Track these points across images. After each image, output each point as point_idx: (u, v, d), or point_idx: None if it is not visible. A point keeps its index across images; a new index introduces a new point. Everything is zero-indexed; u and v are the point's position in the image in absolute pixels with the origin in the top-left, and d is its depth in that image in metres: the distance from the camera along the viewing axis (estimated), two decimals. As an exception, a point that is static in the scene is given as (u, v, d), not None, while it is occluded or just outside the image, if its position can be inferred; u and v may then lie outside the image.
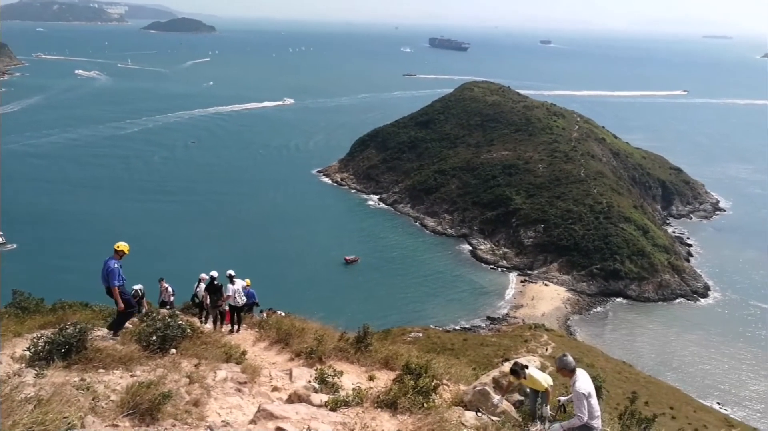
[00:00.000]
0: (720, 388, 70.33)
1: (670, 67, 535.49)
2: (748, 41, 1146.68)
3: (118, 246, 13.80)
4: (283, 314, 26.37)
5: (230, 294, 19.65)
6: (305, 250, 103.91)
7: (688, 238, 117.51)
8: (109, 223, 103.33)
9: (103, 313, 19.61)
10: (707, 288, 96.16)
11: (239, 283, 20.26)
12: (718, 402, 66.60)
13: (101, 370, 10.67)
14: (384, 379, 13.02)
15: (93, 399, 8.79)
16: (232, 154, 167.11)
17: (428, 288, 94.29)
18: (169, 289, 24.52)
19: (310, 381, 11.63)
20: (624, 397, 50.37)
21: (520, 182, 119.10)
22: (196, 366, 12.11)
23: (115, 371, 10.80)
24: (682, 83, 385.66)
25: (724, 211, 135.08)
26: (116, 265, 13.59)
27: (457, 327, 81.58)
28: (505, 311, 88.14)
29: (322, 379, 11.22)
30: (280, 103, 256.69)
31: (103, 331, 13.75)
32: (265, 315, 24.89)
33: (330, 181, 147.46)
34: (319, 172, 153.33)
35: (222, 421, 9.28)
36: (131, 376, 10.57)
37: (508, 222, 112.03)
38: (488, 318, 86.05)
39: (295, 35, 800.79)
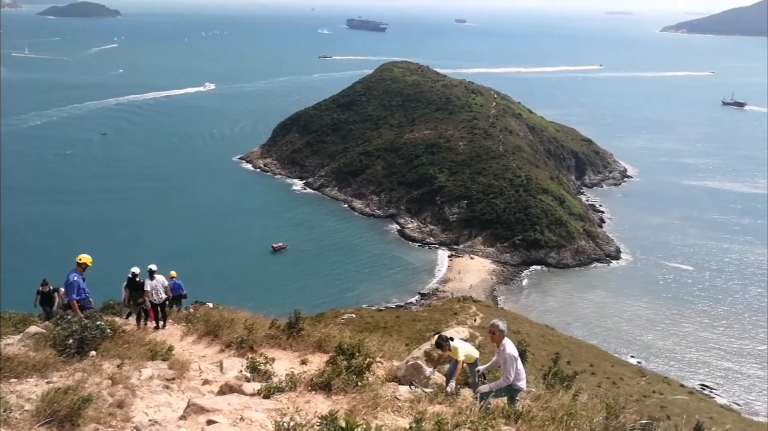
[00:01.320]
0: (633, 343, 75.27)
1: (580, 42, 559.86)
2: (647, 17, 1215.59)
3: (80, 259, 13.58)
4: (211, 305, 25.75)
5: (148, 289, 18.90)
6: (230, 240, 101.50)
7: (600, 205, 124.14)
8: (10, 231, 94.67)
9: (13, 320, 18.37)
10: (619, 251, 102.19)
11: (160, 278, 19.52)
12: (632, 356, 71.32)
13: (13, 380, 10.01)
14: (317, 362, 13.01)
15: (5, 411, 8.24)
16: (149, 146, 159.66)
17: (359, 270, 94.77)
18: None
19: (241, 371, 11.44)
20: (548, 358, 52.94)
21: (442, 160, 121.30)
22: (118, 366, 11.61)
23: (28, 379, 10.17)
24: (598, 58, 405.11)
25: (632, 178, 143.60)
26: (76, 278, 13.43)
27: (390, 305, 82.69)
28: (435, 286, 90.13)
29: (253, 368, 11.06)
30: (201, 88, 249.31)
31: (14, 339, 12.92)
32: (191, 308, 24.17)
33: (252, 168, 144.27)
34: (240, 158, 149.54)
35: (150, 420, 8.97)
36: (47, 383, 9.99)
37: (433, 200, 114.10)
38: (419, 294, 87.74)
39: (206, 19, 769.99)
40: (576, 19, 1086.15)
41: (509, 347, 9.55)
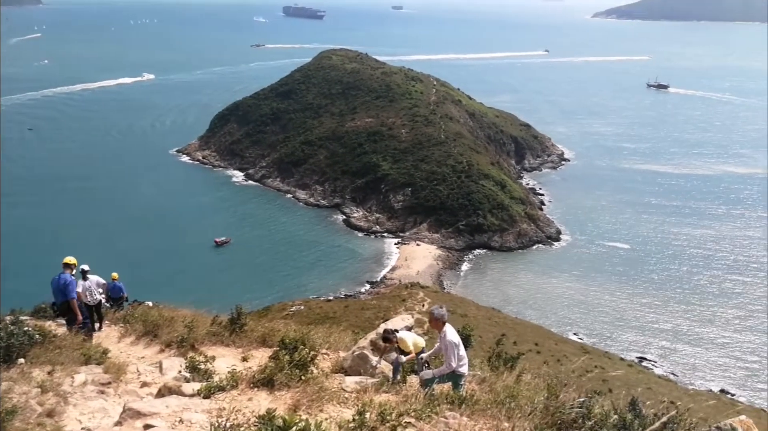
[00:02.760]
0: (575, 321, 78.14)
1: (518, 29, 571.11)
2: (579, 3, 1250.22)
3: (69, 260, 14.39)
4: (150, 304, 24.90)
5: (80, 290, 18.02)
6: (170, 236, 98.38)
7: (540, 189, 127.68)
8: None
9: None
10: (559, 232, 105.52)
11: (94, 279, 18.64)
12: (574, 333, 74.05)
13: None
14: (261, 358, 12.76)
15: None
16: (79, 141, 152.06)
17: (306, 262, 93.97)
18: None
19: (180, 372, 11.06)
20: (494, 340, 54.29)
21: (385, 148, 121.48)
22: (49, 373, 11.01)
23: (-54, 394, 9.47)
24: (542, 44, 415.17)
25: (569, 161, 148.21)
26: (71, 278, 14.41)
27: (339, 295, 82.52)
28: (383, 274, 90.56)
29: (193, 367, 10.70)
30: (139, 78, 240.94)
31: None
32: (130, 308, 23.27)
33: (190, 160, 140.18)
34: (178, 151, 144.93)
35: (83, 428, 8.53)
36: (-32, 396, 9.33)
37: (378, 188, 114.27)
38: (367, 282, 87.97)
39: (132, 6, 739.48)
40: (511, 6, 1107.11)
41: (450, 333, 9.57)
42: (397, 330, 11.25)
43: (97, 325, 18.27)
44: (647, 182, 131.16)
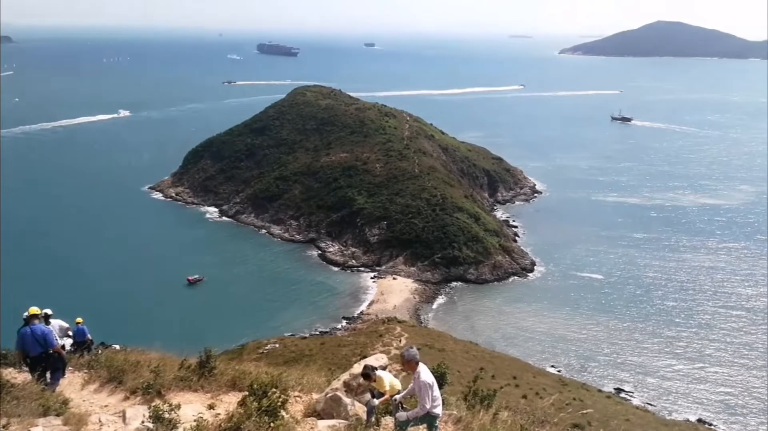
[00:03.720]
0: (552, 353, 77.96)
1: (490, 64, 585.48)
2: (546, 40, 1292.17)
3: (35, 311, 14.66)
4: (117, 348, 24.07)
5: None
6: (141, 275, 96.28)
7: (514, 221, 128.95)
8: None
9: None
10: (534, 264, 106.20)
11: (56, 323, 17.97)
12: (552, 365, 73.79)
13: None
14: (231, 403, 12.31)
15: None
16: (52, 178, 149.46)
17: (281, 298, 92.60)
18: None
19: (143, 422, 10.56)
20: (473, 374, 53.80)
21: (360, 183, 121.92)
22: (4, 427, 10.42)
23: None
24: (518, 79, 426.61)
25: (541, 193, 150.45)
26: (48, 328, 14.77)
27: (314, 332, 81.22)
28: (360, 309, 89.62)
29: (157, 417, 10.20)
30: (115, 115, 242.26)
31: None
32: (95, 352, 22.45)
33: (163, 197, 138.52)
34: (150, 188, 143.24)
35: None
36: None
37: (353, 222, 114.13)
38: (344, 318, 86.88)
39: (107, 44, 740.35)
40: (481, 42, 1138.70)
41: (423, 374, 9.37)
42: (376, 368, 11.01)
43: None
44: (618, 214, 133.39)
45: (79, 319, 22.65)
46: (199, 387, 13.61)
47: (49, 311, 18.03)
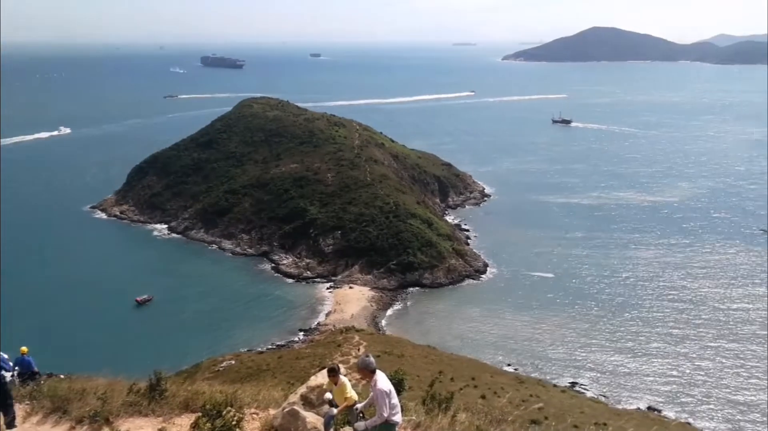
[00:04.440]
0: (508, 351, 79.23)
1: (439, 72, 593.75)
2: (489, 47, 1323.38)
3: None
4: (62, 376, 23.00)
5: None
6: (87, 298, 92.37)
7: (465, 224, 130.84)
8: None
9: None
10: (486, 265, 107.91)
11: (-5, 355, 17.01)
12: (508, 364, 74.98)
13: None
14: (185, 425, 11.94)
15: None
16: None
17: (236, 314, 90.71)
18: None
19: (90, 452, 10.10)
20: (432, 378, 54.09)
21: (312, 193, 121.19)
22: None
23: None
24: (468, 85, 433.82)
25: (490, 196, 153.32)
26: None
27: (271, 346, 79.93)
28: (317, 320, 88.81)
29: (105, 445, 9.80)
30: (56, 133, 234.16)
31: None
32: (39, 382, 21.37)
33: (106, 216, 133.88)
34: (92, 208, 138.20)
35: None
36: None
37: (307, 233, 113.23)
38: (300, 330, 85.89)
39: (39, 60, 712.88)
40: (426, 50, 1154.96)
41: (381, 382, 9.32)
42: (339, 371, 10.95)
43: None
44: (565, 214, 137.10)
45: (24, 348, 21.47)
46: (150, 411, 13.14)
47: (-16, 341, 17.06)
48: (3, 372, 17.04)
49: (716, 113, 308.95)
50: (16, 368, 19.57)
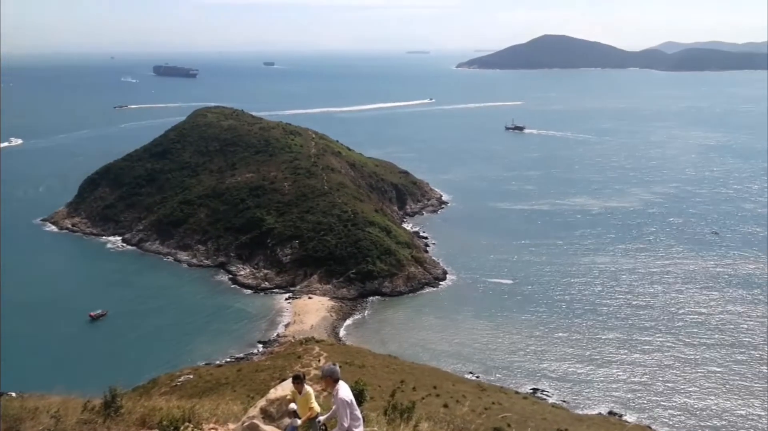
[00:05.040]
0: (469, 359, 79.71)
1: (393, 80, 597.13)
2: (443, 55, 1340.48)
3: None
4: (14, 395, 22.26)
5: None
6: (38, 315, 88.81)
7: (423, 232, 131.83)
8: None
9: None
10: (445, 272, 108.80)
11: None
12: (470, 372, 75.45)
13: None
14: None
15: None
16: None
17: (193, 327, 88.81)
18: None
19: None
20: (394, 387, 54.24)
21: (269, 202, 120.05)
22: None
23: None
24: (425, 93, 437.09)
25: (448, 204, 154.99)
26: None
27: (229, 359, 78.54)
28: (276, 332, 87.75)
29: (60, 466, 9.58)
30: (6, 144, 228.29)
31: None
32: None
33: (58, 229, 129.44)
34: (43, 221, 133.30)
35: None
36: None
37: (264, 243, 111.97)
38: (259, 342, 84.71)
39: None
40: (380, 59, 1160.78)
41: (342, 391, 9.38)
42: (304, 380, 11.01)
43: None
44: (522, 220, 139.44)
45: None
46: (106, 428, 12.88)
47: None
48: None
49: (666, 119, 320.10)
50: None
